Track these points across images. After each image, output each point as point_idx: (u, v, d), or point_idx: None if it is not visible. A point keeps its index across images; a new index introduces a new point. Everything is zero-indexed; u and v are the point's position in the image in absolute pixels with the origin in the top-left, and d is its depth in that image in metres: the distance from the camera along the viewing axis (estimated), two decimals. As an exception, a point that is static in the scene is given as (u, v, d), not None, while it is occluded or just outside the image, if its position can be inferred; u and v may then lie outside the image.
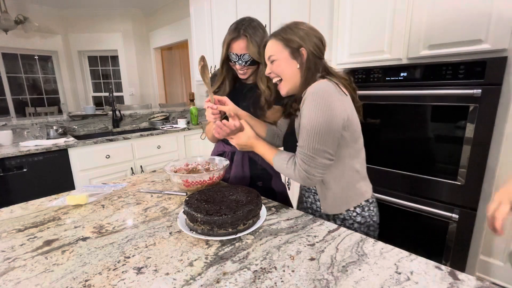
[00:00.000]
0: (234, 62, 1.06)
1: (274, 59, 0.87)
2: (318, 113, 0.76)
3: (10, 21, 3.66)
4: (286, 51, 0.85)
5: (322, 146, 0.77)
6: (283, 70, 0.86)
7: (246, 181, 1.20)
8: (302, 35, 0.83)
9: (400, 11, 1.40)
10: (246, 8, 2.50)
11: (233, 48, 1.04)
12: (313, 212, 0.98)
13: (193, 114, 3.01)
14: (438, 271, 0.56)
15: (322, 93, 0.77)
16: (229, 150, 1.23)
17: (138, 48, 5.00)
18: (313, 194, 0.97)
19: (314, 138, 0.77)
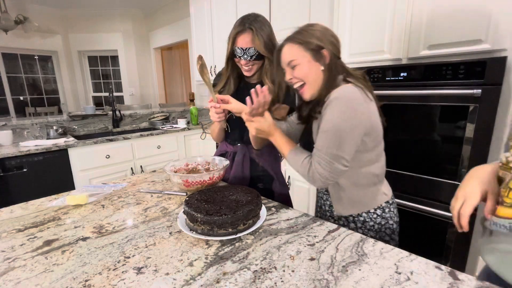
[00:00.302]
0: (239, 57, 1.05)
1: (296, 63, 0.83)
2: (341, 120, 0.76)
3: (10, 21, 3.66)
4: (308, 54, 0.82)
5: (340, 153, 0.77)
6: (307, 74, 0.83)
7: (245, 182, 1.19)
8: (319, 36, 0.81)
9: (400, 11, 1.40)
10: (246, 8, 2.50)
11: (238, 42, 1.03)
12: (331, 215, 0.97)
13: (193, 114, 3.01)
14: (438, 271, 0.56)
15: (348, 99, 0.76)
16: (231, 150, 1.23)
17: (138, 48, 5.00)
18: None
19: (333, 143, 0.76)
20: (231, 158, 1.21)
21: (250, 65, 1.07)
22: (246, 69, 1.08)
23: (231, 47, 1.06)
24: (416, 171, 1.43)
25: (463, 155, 1.26)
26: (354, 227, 0.92)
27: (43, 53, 4.79)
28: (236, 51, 1.04)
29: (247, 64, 1.06)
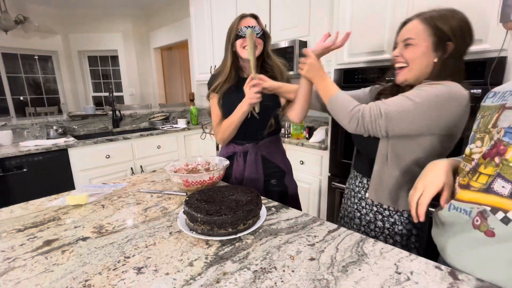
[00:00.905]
0: (245, 35, 1.07)
1: (412, 43, 0.76)
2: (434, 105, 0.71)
3: (10, 21, 3.66)
4: (430, 40, 0.74)
5: (397, 122, 0.73)
6: (416, 59, 0.77)
7: (260, 181, 1.19)
8: (454, 26, 0.72)
9: (400, 11, 1.40)
10: (246, 8, 2.50)
11: (243, 23, 1.10)
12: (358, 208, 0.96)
13: (193, 114, 3.01)
14: (438, 271, 0.56)
15: (451, 91, 0.71)
16: (240, 150, 1.21)
17: (138, 48, 5.00)
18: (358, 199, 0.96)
19: (401, 111, 0.72)
20: (242, 159, 1.19)
21: (256, 44, 1.09)
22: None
23: (235, 31, 1.10)
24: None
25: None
26: (380, 227, 0.90)
27: (43, 53, 4.79)
28: (241, 30, 1.08)
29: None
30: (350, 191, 1.02)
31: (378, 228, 0.91)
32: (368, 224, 0.93)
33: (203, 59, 3.22)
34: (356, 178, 0.99)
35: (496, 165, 0.52)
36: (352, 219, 0.99)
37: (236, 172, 1.21)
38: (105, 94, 5.24)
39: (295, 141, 2.08)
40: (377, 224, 0.91)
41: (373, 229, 0.92)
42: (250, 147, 1.19)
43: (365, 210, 0.93)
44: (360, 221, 0.95)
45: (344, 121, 0.81)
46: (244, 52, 1.10)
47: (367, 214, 0.93)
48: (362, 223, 0.95)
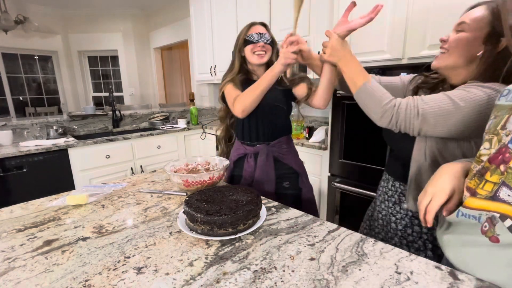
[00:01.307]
0: (256, 41, 1.11)
1: (464, 28, 0.69)
2: (472, 113, 0.65)
3: (10, 21, 3.66)
4: (486, 30, 0.66)
5: (436, 126, 0.68)
6: (460, 47, 0.70)
7: (271, 183, 1.16)
8: None
9: (400, 10, 1.40)
10: (246, 8, 2.50)
11: (253, 30, 1.13)
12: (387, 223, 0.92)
13: (193, 114, 3.01)
14: (438, 271, 0.56)
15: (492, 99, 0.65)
16: (251, 152, 1.19)
17: (138, 48, 5.00)
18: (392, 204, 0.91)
19: (442, 113, 0.67)
20: (253, 160, 1.17)
21: (265, 50, 1.13)
22: (259, 55, 1.13)
23: (243, 36, 1.14)
24: (416, 171, 1.42)
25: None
26: (418, 231, 0.84)
27: (43, 53, 4.79)
28: (252, 36, 1.11)
29: (263, 48, 1.12)
30: (383, 194, 0.96)
31: (415, 233, 0.87)
32: (404, 229, 0.88)
33: (203, 59, 3.22)
34: (388, 181, 0.94)
35: (501, 173, 0.50)
36: (388, 223, 0.93)
37: (246, 174, 1.19)
38: (105, 94, 5.24)
39: (295, 141, 2.07)
40: (414, 229, 0.86)
41: (410, 234, 0.87)
42: (261, 148, 1.17)
43: (400, 214, 0.89)
44: (396, 225, 0.90)
45: (375, 116, 0.75)
46: (253, 57, 1.14)
47: (403, 218, 0.88)
48: (398, 227, 0.89)
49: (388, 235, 0.93)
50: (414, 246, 0.87)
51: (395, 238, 0.91)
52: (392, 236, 0.91)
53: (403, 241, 0.88)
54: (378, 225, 0.99)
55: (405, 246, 0.88)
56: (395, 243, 0.91)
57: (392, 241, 0.91)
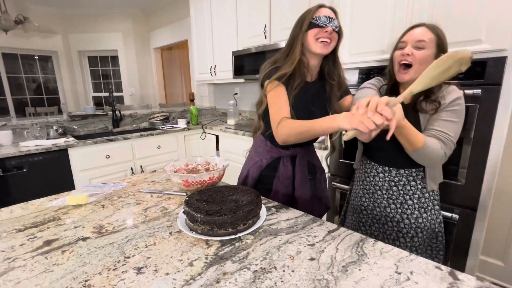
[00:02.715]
0: (323, 25, 0.94)
1: (425, 46, 0.90)
2: (462, 115, 0.92)
3: (10, 21, 3.66)
4: (435, 49, 0.90)
5: (458, 139, 0.93)
6: (424, 62, 0.89)
7: (307, 183, 1.16)
8: (446, 43, 0.91)
9: (400, 10, 1.40)
10: (246, 8, 2.50)
11: (322, 12, 0.96)
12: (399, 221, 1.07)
13: (193, 114, 3.01)
14: (438, 271, 0.56)
15: (464, 103, 0.91)
16: (286, 154, 1.13)
17: (138, 48, 5.00)
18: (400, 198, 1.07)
19: (458, 132, 0.92)
20: (290, 163, 1.13)
21: (330, 38, 0.96)
22: (324, 43, 0.95)
23: (309, 18, 0.95)
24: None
25: (463, 155, 1.26)
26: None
27: (43, 53, 4.79)
28: (320, 19, 0.94)
29: (330, 35, 0.95)
30: (387, 183, 1.08)
31: (427, 199, 1.06)
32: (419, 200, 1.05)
33: (203, 59, 3.22)
34: (390, 171, 1.07)
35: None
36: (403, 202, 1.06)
37: (283, 175, 1.13)
38: (105, 94, 5.24)
39: (295, 141, 2.08)
40: (425, 196, 1.05)
41: (424, 201, 1.05)
42: (299, 151, 1.14)
43: (412, 191, 1.05)
44: (413, 201, 1.05)
45: (434, 164, 0.97)
46: (316, 45, 0.96)
47: (414, 193, 1.05)
48: (414, 201, 1.05)
49: (407, 212, 1.05)
50: (428, 209, 1.05)
51: (415, 212, 1.05)
52: (412, 211, 1.05)
53: (421, 210, 1.04)
54: (391, 210, 1.08)
55: (424, 214, 1.04)
56: (416, 216, 1.05)
57: (413, 215, 1.05)
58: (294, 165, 1.14)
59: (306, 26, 0.96)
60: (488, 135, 1.19)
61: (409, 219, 1.05)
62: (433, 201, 1.06)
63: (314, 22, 0.95)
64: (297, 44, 0.98)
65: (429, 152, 0.88)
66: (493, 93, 1.16)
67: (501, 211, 1.61)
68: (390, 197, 1.07)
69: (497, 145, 1.19)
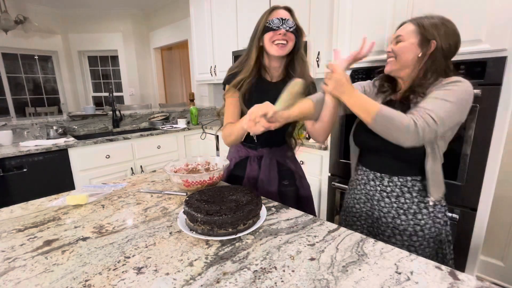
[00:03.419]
0: (276, 28, 0.96)
1: (401, 40, 0.89)
2: (462, 99, 0.78)
3: (10, 21, 3.66)
4: (417, 38, 0.85)
5: (447, 124, 0.78)
6: (404, 53, 0.87)
7: (274, 184, 1.17)
8: (442, 33, 0.83)
9: (400, 11, 1.40)
10: (246, 8, 2.50)
11: (275, 15, 0.98)
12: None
13: (193, 114, 3.01)
14: (438, 271, 0.56)
15: (468, 88, 0.80)
16: (254, 155, 1.17)
17: (138, 48, 5.00)
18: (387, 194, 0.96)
19: (448, 112, 0.77)
20: (257, 164, 1.17)
21: (286, 40, 0.98)
22: (279, 45, 0.98)
23: (263, 22, 0.99)
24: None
25: (463, 155, 1.26)
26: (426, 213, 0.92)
27: (43, 53, 4.79)
28: (273, 22, 0.97)
29: (284, 37, 0.97)
30: (379, 193, 0.97)
31: (425, 215, 0.93)
32: (415, 215, 0.93)
33: (203, 59, 3.22)
34: (382, 179, 0.96)
35: None
36: (396, 217, 0.95)
37: (249, 175, 1.18)
38: (105, 94, 5.24)
39: (295, 141, 2.08)
40: (423, 212, 0.93)
41: (421, 218, 0.93)
42: (265, 152, 1.17)
43: (407, 204, 0.94)
44: (406, 215, 0.94)
45: (400, 139, 0.78)
46: (272, 48, 1.00)
47: (410, 207, 0.93)
48: (409, 216, 0.94)
49: (400, 228, 0.95)
50: (427, 227, 0.93)
51: (408, 228, 0.94)
52: (405, 227, 0.94)
53: (417, 228, 0.93)
54: (382, 224, 0.99)
55: (420, 232, 0.93)
56: (409, 234, 0.94)
57: (406, 232, 0.94)
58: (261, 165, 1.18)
59: (261, 30, 1.00)
60: (488, 135, 1.19)
61: (401, 236, 0.94)
62: (434, 218, 0.92)
63: (268, 26, 0.98)
64: (253, 49, 1.04)
65: (387, 121, 0.77)
66: (493, 93, 1.16)
67: (501, 211, 1.61)
68: (380, 209, 0.97)
69: (497, 145, 1.19)
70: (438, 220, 0.93)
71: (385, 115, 0.78)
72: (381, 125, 0.79)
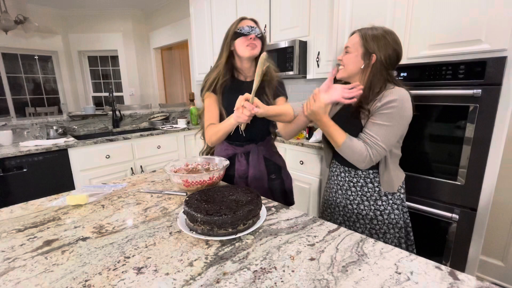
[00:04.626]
0: (247, 33, 1.10)
1: (349, 51, 1.00)
2: (399, 119, 0.93)
3: (10, 21, 3.66)
4: (361, 50, 0.96)
5: (390, 143, 0.95)
6: (349, 64, 1.00)
7: (264, 178, 1.23)
8: (382, 45, 0.93)
9: (400, 11, 1.40)
10: (246, 8, 2.50)
11: (244, 23, 1.12)
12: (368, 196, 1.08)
13: (193, 114, 3.01)
14: (438, 271, 0.56)
15: (403, 101, 0.92)
16: (241, 151, 1.23)
17: (138, 48, 5.00)
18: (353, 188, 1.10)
19: (389, 136, 0.93)
20: (245, 159, 1.22)
21: (256, 44, 1.12)
22: (251, 46, 1.11)
23: (233, 29, 1.12)
24: (416, 171, 1.43)
25: (463, 155, 1.26)
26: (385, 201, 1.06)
27: (43, 53, 4.79)
28: (244, 29, 1.10)
29: (254, 41, 1.11)
30: (346, 183, 1.13)
31: (385, 202, 1.07)
32: (376, 202, 1.08)
33: (203, 59, 3.22)
34: (349, 172, 1.11)
35: None
36: (360, 203, 1.09)
37: (239, 171, 1.22)
38: (105, 94, 5.24)
39: (295, 141, 2.08)
40: (383, 199, 1.07)
41: (381, 204, 1.07)
42: (252, 148, 1.22)
43: (369, 193, 1.07)
44: (369, 202, 1.08)
45: (358, 165, 0.98)
46: (245, 50, 1.12)
47: (372, 195, 1.07)
48: (371, 203, 1.08)
49: (363, 213, 1.09)
50: (386, 212, 1.07)
51: (370, 213, 1.08)
52: (367, 211, 1.08)
53: (377, 212, 1.07)
54: (349, 210, 1.13)
55: (379, 216, 1.07)
56: (371, 217, 1.08)
57: (368, 216, 1.08)
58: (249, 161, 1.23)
59: (231, 36, 1.13)
60: (488, 135, 1.19)
61: (364, 220, 1.09)
62: (393, 205, 1.06)
63: (239, 32, 1.11)
64: (223, 53, 1.16)
65: (350, 152, 0.95)
66: (493, 93, 1.16)
67: (501, 211, 1.61)
68: (348, 197, 1.11)
69: (497, 145, 1.19)
70: (396, 206, 1.07)
71: (349, 147, 0.95)
72: (345, 152, 0.97)
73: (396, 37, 0.96)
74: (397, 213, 1.07)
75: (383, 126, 0.93)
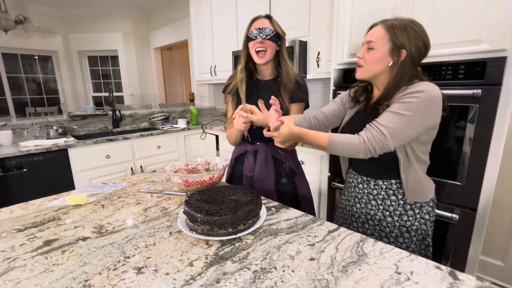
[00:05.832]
0: (254, 38, 1.07)
1: (373, 46, 0.86)
2: (421, 111, 0.79)
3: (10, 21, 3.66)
4: (388, 46, 0.84)
5: (400, 136, 0.81)
6: (373, 62, 0.87)
7: (271, 179, 1.19)
8: (411, 36, 0.82)
9: (400, 11, 1.40)
10: (246, 8, 2.50)
11: (254, 25, 1.09)
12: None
13: (193, 114, 3.01)
14: (438, 271, 0.56)
15: (432, 93, 0.79)
16: (251, 149, 1.23)
17: (138, 48, 5.00)
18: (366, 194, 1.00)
19: (400, 126, 0.80)
20: (253, 157, 1.22)
21: (264, 47, 1.08)
22: (260, 53, 1.09)
23: (246, 34, 1.11)
24: (416, 171, 1.43)
25: (463, 155, 1.26)
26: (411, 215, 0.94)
27: (43, 53, 4.79)
28: (252, 32, 1.08)
29: (261, 44, 1.07)
30: (366, 195, 1.00)
31: (411, 217, 0.94)
32: (400, 217, 0.95)
33: (203, 59, 3.22)
34: (368, 182, 1.00)
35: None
36: (383, 219, 0.97)
37: (247, 169, 1.23)
38: (105, 94, 5.24)
39: (295, 141, 2.08)
40: (409, 214, 0.94)
41: (407, 219, 0.95)
42: (260, 146, 1.21)
43: (392, 207, 0.95)
44: (392, 218, 0.96)
45: (354, 155, 0.85)
46: (254, 56, 1.11)
47: (396, 209, 0.95)
48: (395, 218, 0.96)
49: (386, 230, 0.97)
50: (413, 228, 0.95)
51: (394, 230, 0.96)
52: (391, 229, 0.97)
53: (403, 229, 0.95)
54: (370, 227, 1.01)
55: (406, 233, 0.95)
56: (396, 235, 0.96)
57: (392, 234, 0.97)
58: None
59: (245, 41, 1.13)
60: (488, 135, 1.19)
61: (387, 238, 0.96)
62: (420, 219, 0.93)
63: (249, 36, 1.10)
64: (242, 57, 1.17)
65: (341, 144, 0.84)
66: (493, 93, 1.16)
67: (501, 211, 1.61)
68: (368, 212, 0.99)
69: (497, 145, 1.19)
70: (424, 221, 0.95)
71: (335, 142, 0.85)
72: (335, 150, 0.87)
73: (423, 27, 0.84)
74: (424, 228, 0.94)
75: (396, 114, 0.80)
